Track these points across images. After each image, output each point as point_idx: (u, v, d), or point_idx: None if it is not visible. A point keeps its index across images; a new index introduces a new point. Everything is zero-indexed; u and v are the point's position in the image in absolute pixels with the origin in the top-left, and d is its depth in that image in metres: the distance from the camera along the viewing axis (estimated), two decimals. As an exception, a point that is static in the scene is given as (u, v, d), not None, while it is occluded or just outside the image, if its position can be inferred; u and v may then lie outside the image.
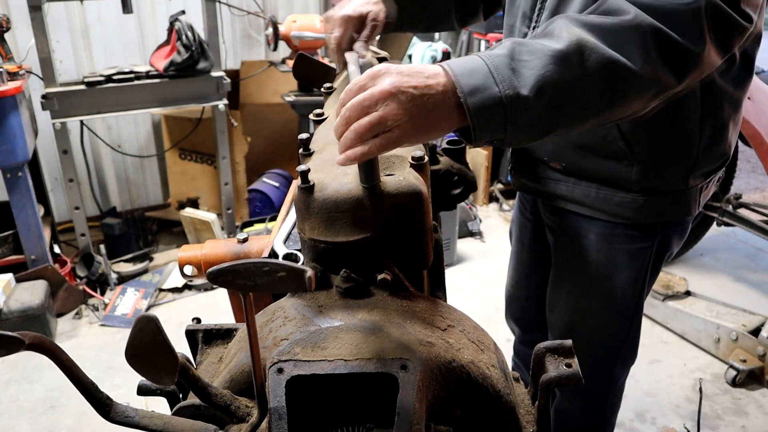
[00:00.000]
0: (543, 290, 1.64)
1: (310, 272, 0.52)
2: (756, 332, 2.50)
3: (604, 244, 1.36)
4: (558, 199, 1.37)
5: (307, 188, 0.66)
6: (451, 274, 3.22)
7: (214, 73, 3.17)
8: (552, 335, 1.58)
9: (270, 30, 3.29)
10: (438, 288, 0.91)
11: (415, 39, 4.07)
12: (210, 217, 3.44)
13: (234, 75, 3.77)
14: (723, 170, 1.37)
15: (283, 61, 3.61)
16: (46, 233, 2.96)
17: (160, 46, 3.24)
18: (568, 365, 0.68)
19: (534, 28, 1.22)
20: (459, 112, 0.80)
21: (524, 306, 1.79)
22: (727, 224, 3.13)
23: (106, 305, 2.99)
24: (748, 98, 2.88)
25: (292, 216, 1.08)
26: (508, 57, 0.84)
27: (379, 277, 0.67)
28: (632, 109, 0.95)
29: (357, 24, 1.17)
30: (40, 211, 2.98)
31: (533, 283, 1.69)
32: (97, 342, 2.79)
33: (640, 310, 1.48)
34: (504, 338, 2.78)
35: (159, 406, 2.07)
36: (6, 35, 2.88)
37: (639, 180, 1.25)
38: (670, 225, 1.34)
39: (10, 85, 2.59)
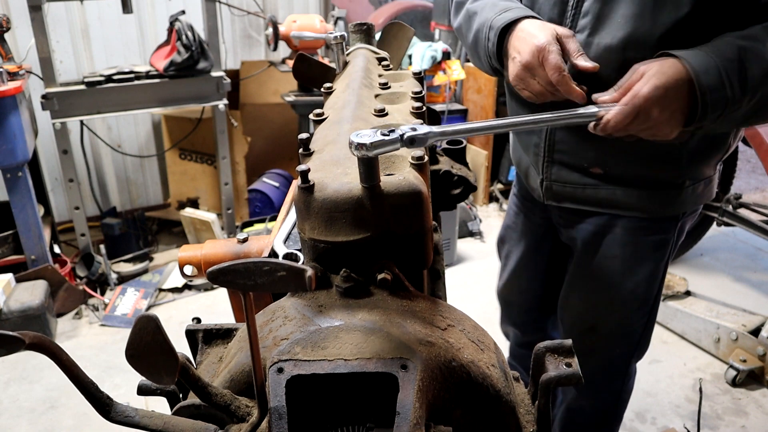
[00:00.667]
0: (546, 292, 1.64)
1: (310, 272, 0.52)
2: (756, 332, 2.50)
3: (630, 238, 1.36)
4: (596, 204, 1.35)
5: (307, 188, 0.66)
6: (451, 274, 3.22)
7: (214, 73, 3.17)
8: (566, 334, 1.57)
9: (270, 30, 3.30)
10: (438, 288, 0.91)
11: (415, 39, 4.07)
12: (210, 217, 3.44)
13: (234, 75, 3.77)
14: None
15: (283, 61, 3.61)
16: (46, 233, 2.96)
17: (160, 46, 3.25)
18: (568, 365, 0.68)
19: (575, 34, 1.17)
20: (687, 104, 0.98)
21: (525, 309, 1.78)
22: (727, 224, 3.13)
23: (106, 305, 2.99)
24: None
25: (292, 216, 1.07)
26: (736, 62, 0.97)
27: (379, 276, 0.67)
28: None
29: (558, 46, 1.12)
30: (40, 211, 2.98)
31: (537, 286, 1.68)
32: (97, 342, 2.79)
33: (658, 302, 1.49)
34: (504, 338, 2.78)
35: (159, 406, 2.08)
36: (6, 35, 2.88)
37: (685, 175, 1.27)
38: (687, 215, 1.37)
39: (10, 85, 2.59)
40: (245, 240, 1.07)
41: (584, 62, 1.11)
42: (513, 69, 1.16)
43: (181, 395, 0.76)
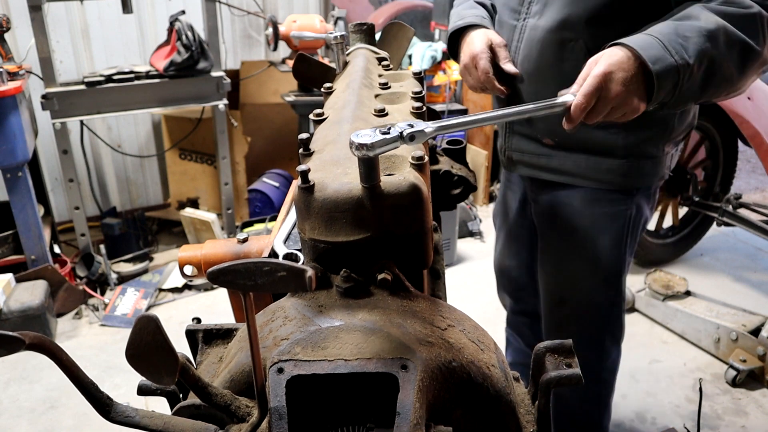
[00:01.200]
0: (531, 261, 1.77)
1: (310, 272, 0.52)
2: (756, 332, 2.50)
3: (587, 209, 1.49)
4: (550, 172, 1.50)
5: (307, 188, 0.66)
6: (451, 274, 3.22)
7: (214, 73, 3.17)
8: (542, 304, 1.68)
9: (270, 30, 3.29)
10: (438, 288, 0.91)
11: (415, 39, 4.07)
12: (210, 217, 3.44)
13: (234, 75, 3.77)
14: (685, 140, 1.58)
15: (283, 61, 3.61)
16: (46, 233, 2.96)
17: (160, 46, 3.25)
18: (568, 365, 0.68)
19: (526, 19, 1.39)
20: (642, 80, 1.08)
21: (513, 277, 1.90)
22: (727, 224, 3.13)
23: (106, 305, 2.99)
24: (748, 98, 2.89)
25: (292, 216, 1.08)
26: (674, 34, 1.08)
27: (379, 277, 0.67)
28: (749, 84, 1.20)
29: (490, 53, 1.40)
30: (40, 211, 2.98)
31: (525, 256, 1.80)
32: (97, 342, 2.79)
33: (623, 278, 1.59)
34: (504, 338, 2.78)
35: (159, 406, 2.08)
36: (6, 35, 2.88)
37: (624, 146, 1.40)
38: (643, 189, 1.49)
39: (10, 85, 2.59)
40: (245, 240, 1.07)
41: (509, 68, 1.40)
42: (459, 67, 1.48)
43: (181, 395, 0.76)
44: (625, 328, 1.71)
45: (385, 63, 1.10)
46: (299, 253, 0.82)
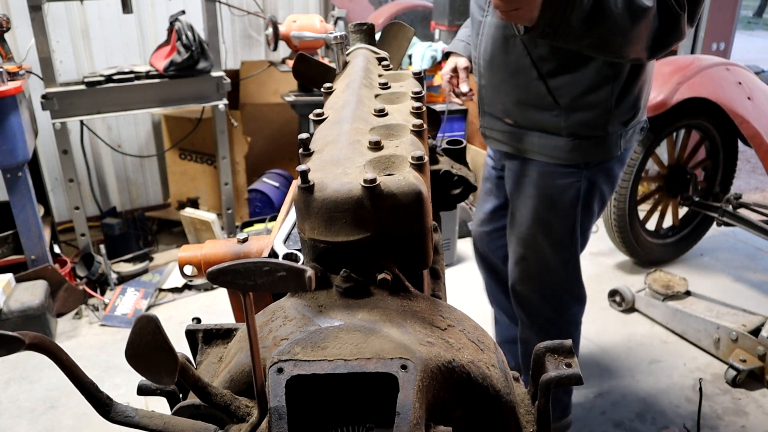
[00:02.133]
0: (502, 227, 2.04)
1: (310, 272, 0.52)
2: (756, 332, 2.50)
3: (542, 181, 1.74)
4: (513, 147, 1.78)
5: (307, 188, 0.66)
6: (451, 274, 3.22)
7: (214, 73, 3.17)
8: (509, 262, 1.95)
9: (270, 30, 3.29)
10: (438, 288, 0.91)
11: (415, 39, 4.07)
12: (210, 217, 3.44)
13: (234, 75, 3.77)
14: (645, 122, 1.78)
15: (283, 61, 3.61)
16: (46, 233, 2.96)
17: (160, 46, 3.25)
18: (568, 365, 0.68)
19: (486, 16, 1.67)
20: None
21: (486, 240, 2.15)
22: (727, 224, 3.14)
23: (106, 305, 2.99)
24: (748, 98, 2.89)
25: (292, 216, 1.08)
26: None
27: (379, 277, 0.67)
28: (641, 41, 1.38)
29: (451, 74, 1.91)
30: (40, 211, 2.98)
31: (495, 220, 2.08)
32: (97, 342, 2.79)
33: (575, 244, 1.82)
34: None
35: (159, 406, 2.08)
36: (6, 35, 2.88)
37: (566, 127, 1.64)
38: (594, 165, 1.71)
39: (10, 85, 2.59)
40: (245, 240, 1.07)
41: (463, 88, 1.88)
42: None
43: (181, 395, 0.76)
44: (584, 288, 1.96)
45: (385, 63, 1.10)
46: (299, 253, 0.82)
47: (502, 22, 1.57)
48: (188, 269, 1.07)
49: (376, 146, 0.74)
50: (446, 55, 2.00)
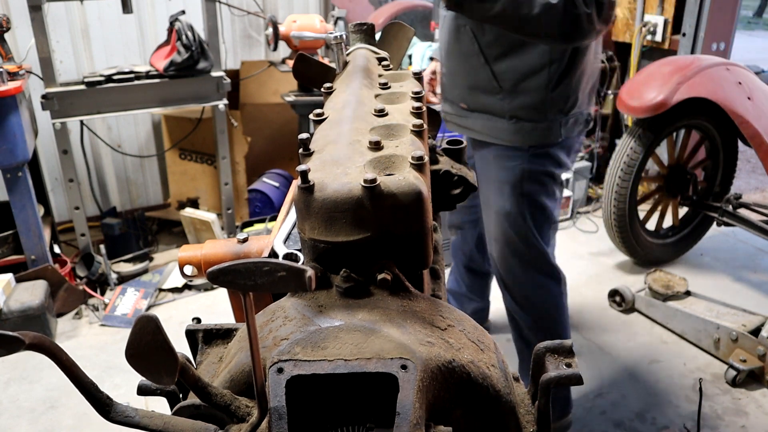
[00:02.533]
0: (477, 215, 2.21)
1: (310, 272, 0.52)
2: (756, 332, 2.50)
3: (495, 162, 1.91)
4: (469, 131, 1.94)
5: (307, 188, 0.66)
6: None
7: (214, 73, 3.17)
8: (486, 237, 2.10)
9: (270, 30, 3.29)
10: (438, 288, 0.91)
11: (415, 39, 4.07)
12: (210, 217, 3.44)
13: (234, 75, 3.77)
14: (587, 115, 1.94)
15: (283, 61, 3.61)
16: (46, 233, 2.96)
17: (160, 46, 3.24)
18: (568, 365, 0.68)
19: (445, 9, 1.76)
20: None
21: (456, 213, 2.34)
22: (727, 224, 3.13)
23: (106, 305, 2.99)
24: (748, 98, 2.88)
25: (292, 216, 1.08)
26: None
27: (379, 277, 0.67)
28: (546, 27, 1.58)
29: (431, 76, 2.16)
30: (40, 211, 2.98)
31: (471, 208, 2.27)
32: (97, 342, 2.79)
33: (528, 222, 1.95)
34: (504, 338, 2.78)
35: (159, 406, 2.08)
36: (6, 35, 2.88)
37: (509, 110, 1.82)
38: (538, 148, 1.86)
39: (10, 85, 2.59)
40: (245, 240, 1.07)
41: (438, 89, 2.08)
42: None
43: (181, 395, 0.76)
44: (556, 267, 2.08)
45: (385, 63, 1.10)
46: (299, 253, 0.82)
47: (456, 13, 1.75)
48: (188, 269, 1.07)
49: (376, 146, 0.74)
50: (431, 59, 2.23)
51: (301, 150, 0.76)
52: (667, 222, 3.51)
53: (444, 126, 2.05)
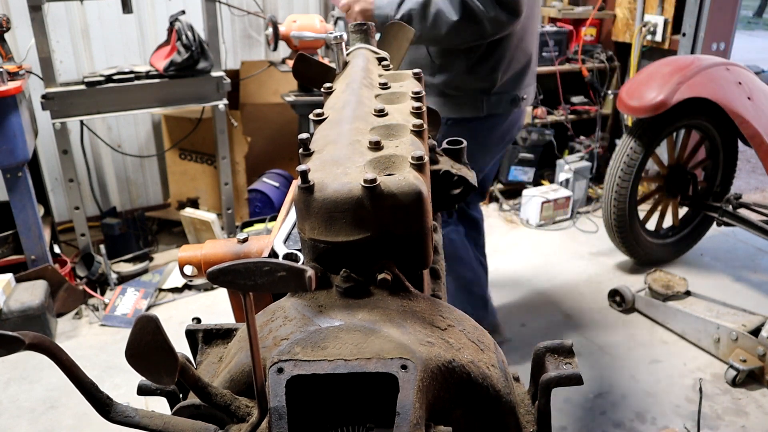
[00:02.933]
0: None
1: (310, 272, 0.52)
2: (756, 332, 2.50)
3: (456, 133, 1.94)
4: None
5: (307, 188, 0.66)
6: (451, 274, 3.22)
7: (214, 73, 3.17)
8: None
9: (270, 30, 3.29)
10: (438, 288, 0.91)
11: (415, 39, 4.06)
12: (210, 217, 3.44)
13: (234, 75, 3.77)
14: (515, 95, 2.12)
15: (283, 61, 3.61)
16: (46, 233, 2.96)
17: (160, 46, 3.24)
18: (569, 365, 0.68)
19: None
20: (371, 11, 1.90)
21: None
22: (727, 224, 3.13)
23: (106, 305, 2.99)
24: (748, 98, 2.89)
25: (292, 216, 1.08)
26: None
27: (379, 276, 0.67)
28: (461, 35, 1.88)
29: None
30: (40, 211, 2.98)
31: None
32: (97, 342, 2.79)
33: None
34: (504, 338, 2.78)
35: (159, 406, 2.07)
36: (6, 35, 2.88)
37: (437, 85, 2.04)
38: (458, 121, 2.07)
39: (10, 85, 2.59)
40: (245, 240, 1.07)
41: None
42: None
43: (181, 395, 0.76)
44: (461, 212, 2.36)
45: (385, 63, 1.10)
46: (299, 253, 0.82)
47: None
48: (188, 269, 1.07)
49: (376, 146, 0.74)
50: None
51: (301, 150, 0.76)
52: (667, 222, 3.51)
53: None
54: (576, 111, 4.33)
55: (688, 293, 2.89)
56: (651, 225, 3.45)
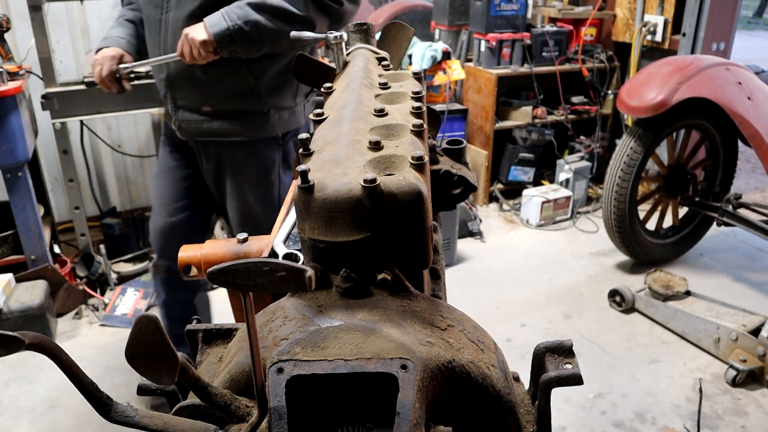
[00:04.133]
0: (188, 217, 2.13)
1: (310, 272, 0.52)
2: (756, 332, 2.50)
3: (251, 157, 1.95)
4: (214, 134, 1.92)
5: (307, 188, 0.66)
6: (451, 274, 3.22)
7: (214, 73, 3.16)
8: (234, 228, 2.10)
9: (270, 30, 3.28)
10: (438, 288, 0.91)
11: (415, 39, 4.07)
12: (210, 217, 3.43)
13: (234, 75, 3.76)
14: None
15: (283, 61, 3.60)
16: (46, 233, 2.96)
17: (160, 46, 3.24)
18: (569, 365, 0.68)
19: (166, 12, 1.81)
20: (209, 35, 1.69)
21: (175, 233, 2.14)
22: (727, 224, 3.14)
23: (106, 305, 2.99)
24: (748, 98, 2.89)
25: (292, 216, 1.08)
26: (234, 7, 1.69)
27: (379, 276, 0.67)
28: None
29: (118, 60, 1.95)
30: (40, 211, 2.98)
31: (189, 205, 2.13)
32: (97, 342, 2.79)
33: (280, 198, 2.02)
34: (504, 338, 2.78)
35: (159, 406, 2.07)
36: (6, 35, 2.88)
37: (266, 102, 1.87)
38: (264, 140, 1.94)
39: (10, 85, 2.59)
40: (245, 240, 1.07)
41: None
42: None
43: (180, 395, 0.76)
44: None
45: (385, 63, 1.10)
46: (299, 253, 0.82)
47: (189, 12, 1.77)
48: (188, 269, 1.07)
49: (376, 146, 0.74)
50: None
51: (301, 150, 0.76)
52: (667, 222, 3.51)
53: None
54: (576, 111, 4.33)
55: (688, 293, 2.89)
56: (651, 225, 3.45)
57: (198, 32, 1.69)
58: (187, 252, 1.08)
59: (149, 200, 3.99)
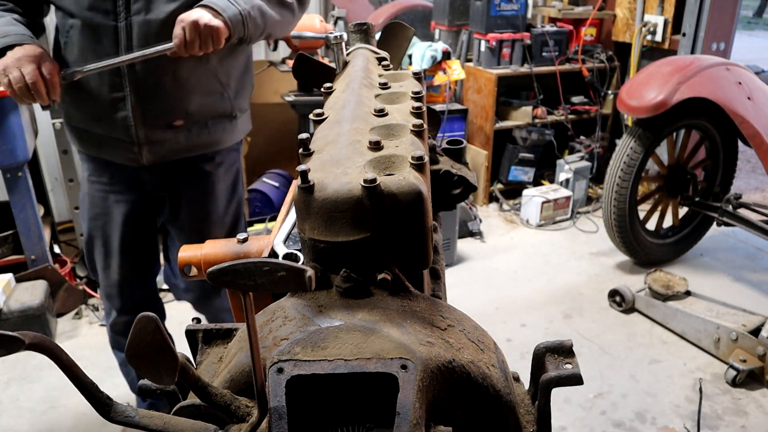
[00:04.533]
0: (152, 245, 1.94)
1: (310, 272, 0.52)
2: (756, 332, 2.50)
3: (216, 170, 1.81)
4: (188, 149, 1.73)
5: (307, 188, 0.66)
6: (451, 274, 3.23)
7: (214, 73, 3.16)
8: (189, 239, 1.86)
9: (270, 30, 3.29)
10: (438, 288, 0.91)
11: (415, 39, 4.07)
12: (210, 217, 3.43)
13: (234, 75, 3.76)
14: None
15: (283, 61, 3.61)
16: (46, 233, 2.96)
17: (160, 46, 3.24)
18: (569, 365, 0.68)
19: (125, 20, 1.56)
20: (221, 19, 1.50)
21: (139, 276, 1.97)
22: (727, 224, 3.14)
23: (106, 305, 2.99)
24: (748, 98, 2.89)
25: (292, 216, 1.08)
26: None
27: (379, 276, 0.67)
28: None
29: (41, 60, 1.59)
30: (40, 211, 2.97)
31: (146, 243, 1.92)
32: (97, 342, 2.79)
33: (240, 204, 1.96)
34: (504, 338, 2.78)
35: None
36: (6, 35, 2.88)
37: (234, 105, 1.77)
38: (224, 150, 1.82)
39: (10, 85, 2.59)
40: (245, 240, 1.07)
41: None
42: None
43: (180, 395, 0.76)
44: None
45: (385, 63, 1.10)
46: (299, 253, 0.82)
47: (167, 14, 1.55)
48: (188, 269, 1.07)
49: (376, 146, 0.74)
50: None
51: (301, 150, 0.76)
52: (667, 222, 3.51)
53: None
54: (576, 111, 4.33)
55: (688, 293, 2.89)
56: (651, 225, 3.45)
57: (209, 18, 1.47)
58: (187, 252, 1.08)
59: (149, 200, 3.98)
